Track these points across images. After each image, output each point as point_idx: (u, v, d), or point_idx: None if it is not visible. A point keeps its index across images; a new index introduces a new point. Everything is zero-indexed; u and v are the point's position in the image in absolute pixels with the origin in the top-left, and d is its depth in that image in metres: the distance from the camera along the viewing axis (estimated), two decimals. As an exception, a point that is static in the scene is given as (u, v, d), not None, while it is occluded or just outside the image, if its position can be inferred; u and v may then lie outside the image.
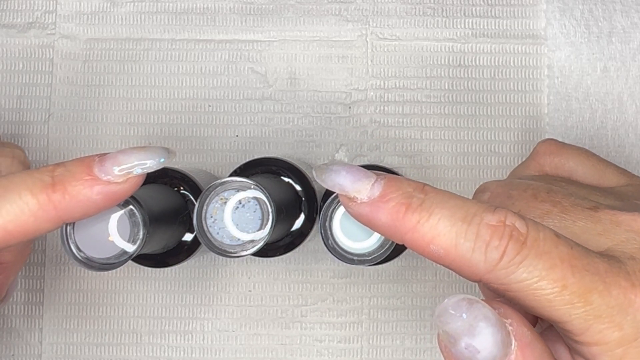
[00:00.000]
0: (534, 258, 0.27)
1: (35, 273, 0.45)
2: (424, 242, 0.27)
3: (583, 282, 0.27)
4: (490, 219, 0.27)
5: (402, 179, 0.28)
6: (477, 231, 0.27)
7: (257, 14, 0.46)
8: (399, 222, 0.27)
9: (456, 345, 0.26)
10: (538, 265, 0.27)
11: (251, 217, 0.34)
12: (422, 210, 0.27)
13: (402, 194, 0.28)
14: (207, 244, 0.34)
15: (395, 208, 0.27)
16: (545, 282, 0.27)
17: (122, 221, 0.33)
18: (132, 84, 0.46)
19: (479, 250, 0.27)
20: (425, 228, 0.27)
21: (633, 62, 0.45)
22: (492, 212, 0.27)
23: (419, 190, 0.28)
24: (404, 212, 0.27)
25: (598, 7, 0.45)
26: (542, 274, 0.27)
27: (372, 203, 0.28)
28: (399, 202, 0.27)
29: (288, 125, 0.45)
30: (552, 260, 0.27)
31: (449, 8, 0.46)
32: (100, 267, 0.33)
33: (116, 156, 0.30)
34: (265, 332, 0.45)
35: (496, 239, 0.27)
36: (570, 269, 0.27)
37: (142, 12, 0.46)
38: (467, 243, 0.27)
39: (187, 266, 0.45)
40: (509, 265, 0.27)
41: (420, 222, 0.27)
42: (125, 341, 0.45)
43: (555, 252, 0.27)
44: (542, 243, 0.27)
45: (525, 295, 0.27)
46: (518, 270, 0.27)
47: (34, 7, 0.46)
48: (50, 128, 0.46)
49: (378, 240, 0.34)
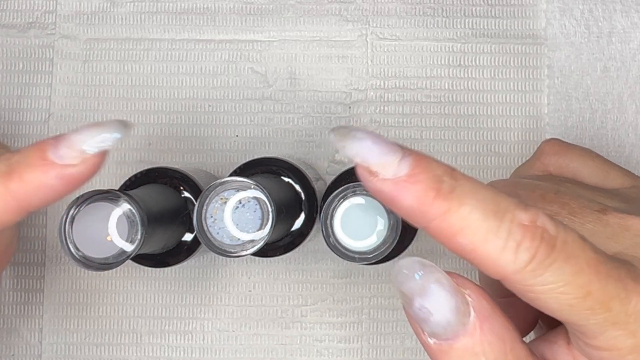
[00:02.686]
0: (563, 262, 0.26)
1: (35, 273, 0.45)
2: (450, 232, 0.26)
3: (607, 289, 0.26)
4: (523, 217, 0.26)
5: (430, 159, 0.26)
6: (509, 229, 0.26)
7: (257, 14, 0.46)
8: (427, 207, 0.25)
9: (411, 306, 0.26)
10: (566, 269, 0.26)
11: (251, 217, 0.34)
12: (452, 198, 0.25)
13: (432, 176, 0.26)
14: (207, 243, 0.34)
15: (424, 191, 0.25)
16: (570, 287, 0.26)
17: (120, 221, 0.33)
18: (132, 84, 0.46)
19: (510, 249, 0.25)
20: (454, 218, 0.25)
21: (633, 62, 0.45)
22: (525, 210, 0.26)
23: (449, 175, 0.26)
24: (433, 197, 0.25)
25: (598, 7, 0.45)
26: (568, 278, 0.26)
27: (397, 182, 0.25)
28: (428, 185, 0.25)
29: (288, 125, 0.45)
30: (579, 265, 0.26)
31: (449, 8, 0.46)
32: (98, 266, 0.33)
33: (69, 136, 0.28)
34: (265, 332, 0.45)
35: (528, 240, 0.26)
36: (596, 274, 0.26)
37: (142, 12, 0.46)
38: (498, 241, 0.25)
39: (187, 266, 0.45)
40: (537, 267, 0.26)
41: (451, 210, 0.25)
42: (125, 341, 0.45)
43: (582, 257, 0.26)
44: (570, 246, 0.26)
45: (548, 297, 0.26)
46: (546, 273, 0.26)
47: (34, 7, 0.46)
48: (50, 128, 0.46)
49: (379, 238, 0.34)
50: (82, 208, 0.33)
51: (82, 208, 0.33)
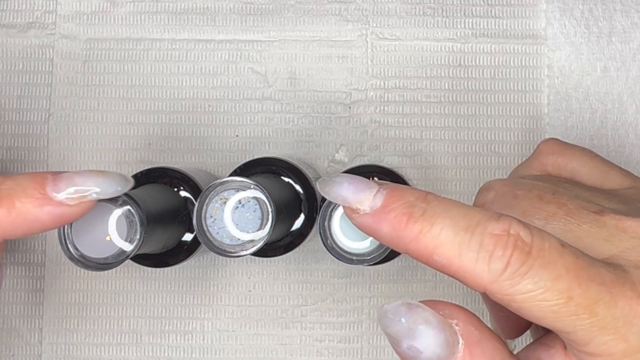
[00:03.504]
0: (539, 268, 0.26)
1: (35, 273, 0.45)
2: (426, 252, 0.27)
3: (589, 294, 0.27)
4: (494, 227, 0.26)
5: (404, 188, 0.28)
6: (480, 241, 0.26)
7: (257, 13, 0.46)
8: (401, 232, 0.27)
9: (399, 346, 0.26)
10: (543, 276, 0.26)
11: (251, 216, 0.34)
12: (424, 220, 0.27)
13: (404, 203, 0.27)
14: (206, 243, 0.34)
15: (397, 218, 0.27)
16: (550, 293, 0.26)
17: (120, 221, 0.33)
18: (132, 84, 0.46)
19: (483, 260, 0.26)
20: (427, 238, 0.27)
21: (633, 62, 0.45)
22: (497, 220, 0.27)
23: (422, 200, 0.27)
24: (406, 222, 0.27)
25: (598, 7, 0.45)
26: (547, 285, 0.26)
27: (374, 214, 0.27)
28: (400, 212, 0.27)
29: (288, 125, 0.45)
30: (558, 271, 0.26)
31: (449, 8, 0.46)
32: (97, 266, 0.33)
33: (72, 177, 0.29)
34: (265, 332, 0.45)
35: (500, 249, 0.26)
36: (577, 279, 0.26)
37: (142, 12, 0.46)
38: (471, 253, 0.26)
39: (187, 266, 0.45)
40: (513, 276, 0.26)
41: (422, 232, 0.27)
42: (125, 341, 0.45)
43: (560, 262, 0.26)
44: (547, 253, 0.26)
45: (529, 306, 0.26)
46: (523, 281, 0.26)
47: (34, 7, 0.46)
48: (50, 128, 0.46)
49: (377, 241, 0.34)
50: (81, 208, 0.33)
51: (82, 208, 0.33)
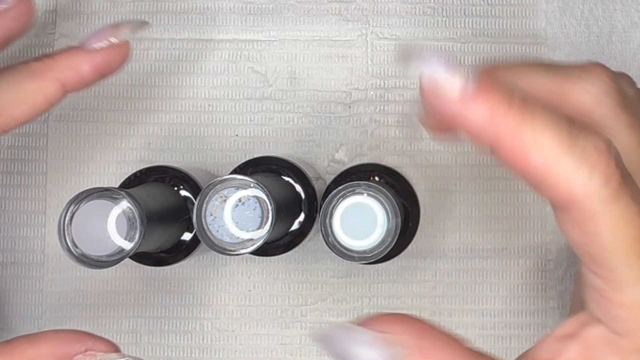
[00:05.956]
0: (630, 199, 0.24)
1: (34, 273, 0.45)
2: (522, 148, 0.24)
3: None
4: (597, 141, 0.24)
5: (493, 74, 0.25)
6: (583, 149, 0.24)
7: (257, 13, 0.46)
8: (498, 121, 0.24)
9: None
10: (633, 207, 0.24)
11: (251, 214, 0.34)
12: (524, 113, 0.24)
13: (502, 91, 0.24)
14: (206, 241, 0.34)
15: (495, 105, 0.24)
16: (631, 226, 0.24)
17: (119, 219, 0.33)
18: (132, 83, 0.46)
19: (586, 170, 0.24)
20: (527, 133, 0.24)
21: (633, 61, 0.45)
22: (596, 134, 0.24)
23: (519, 92, 0.24)
24: (505, 110, 0.24)
25: (598, 6, 0.45)
26: (634, 218, 0.24)
27: (467, 98, 0.24)
28: (499, 98, 0.24)
29: (288, 125, 0.45)
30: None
31: (449, 8, 0.46)
32: (96, 264, 0.33)
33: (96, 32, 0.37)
34: (265, 332, 0.45)
35: (604, 164, 0.24)
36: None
37: (142, 12, 0.46)
38: (574, 159, 0.24)
39: (186, 266, 0.45)
40: (609, 195, 0.24)
41: (523, 125, 0.24)
42: (125, 341, 0.45)
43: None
44: (636, 187, 0.25)
45: (608, 230, 0.24)
46: (615, 203, 0.24)
47: (34, 6, 0.46)
48: (50, 127, 0.46)
49: (379, 238, 0.34)
50: (81, 205, 0.33)
51: (82, 205, 0.33)
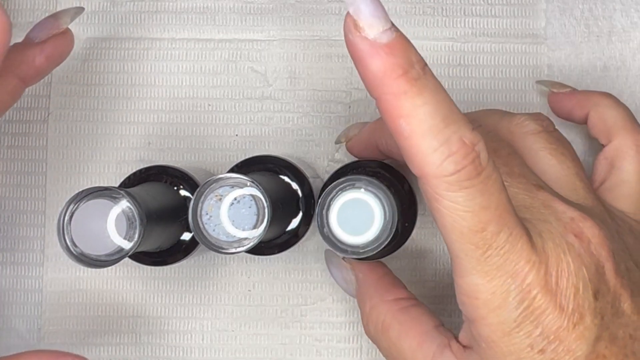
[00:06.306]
0: (477, 192, 0.27)
1: (34, 273, 0.45)
2: (397, 112, 0.27)
3: (498, 235, 0.28)
4: (467, 136, 0.27)
5: (411, 45, 0.27)
6: (449, 137, 0.27)
7: (257, 13, 0.46)
8: (388, 80, 0.26)
9: None
10: (476, 199, 0.27)
11: (247, 212, 0.34)
12: (414, 85, 0.27)
13: (406, 58, 0.27)
14: (202, 240, 0.34)
15: (392, 66, 0.26)
16: (472, 216, 0.28)
17: (119, 218, 0.33)
18: (131, 83, 0.46)
19: (441, 154, 0.27)
20: (407, 102, 0.27)
21: (633, 61, 0.45)
22: (471, 131, 0.27)
23: (421, 66, 0.27)
24: (399, 75, 0.26)
25: (598, 6, 0.45)
26: (474, 208, 0.27)
27: (375, 45, 0.26)
28: (399, 62, 0.26)
29: (288, 125, 0.45)
30: (490, 202, 0.28)
31: (449, 7, 0.46)
32: (95, 263, 0.33)
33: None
34: (265, 331, 0.45)
35: (460, 156, 0.27)
36: (499, 219, 0.28)
37: (142, 11, 0.46)
38: (435, 141, 0.27)
39: (186, 265, 0.45)
40: (455, 183, 0.27)
41: (407, 94, 0.27)
42: (125, 341, 0.45)
43: (496, 197, 0.28)
44: (491, 183, 0.28)
45: (447, 215, 0.28)
46: (459, 192, 0.27)
47: (34, 6, 0.46)
48: (50, 127, 0.46)
49: (373, 235, 0.34)
50: (81, 204, 0.33)
51: (81, 204, 0.33)
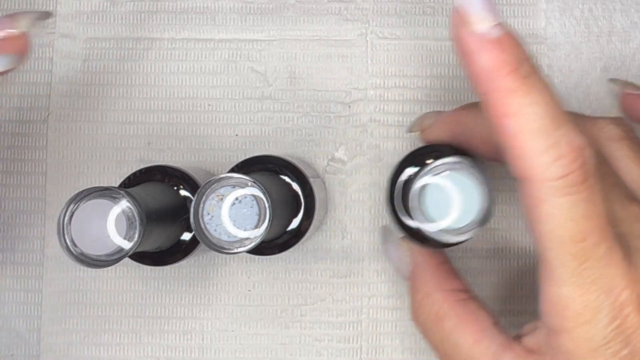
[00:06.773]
0: (582, 200, 0.26)
1: (33, 273, 0.45)
2: (504, 111, 0.26)
3: (598, 247, 0.26)
4: (576, 139, 0.26)
5: (520, 41, 0.26)
6: (557, 140, 0.25)
7: (257, 13, 0.46)
8: (497, 76, 0.26)
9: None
10: (580, 208, 0.26)
11: (248, 212, 0.34)
12: (524, 83, 0.25)
13: (516, 54, 0.26)
14: (204, 240, 0.34)
15: (502, 61, 0.25)
16: (575, 225, 0.26)
17: (119, 218, 0.33)
18: (131, 83, 0.46)
19: (549, 156, 0.25)
20: (515, 100, 0.25)
21: (633, 61, 0.45)
22: (579, 135, 0.26)
23: (530, 64, 0.26)
24: (508, 72, 0.26)
25: (598, 6, 0.45)
26: (578, 218, 0.26)
27: (484, 39, 0.26)
28: (509, 58, 0.26)
29: (288, 124, 0.45)
30: (592, 212, 0.26)
31: (449, 7, 0.46)
32: (94, 263, 0.33)
33: None
34: (265, 331, 0.45)
35: (569, 160, 0.25)
36: (599, 230, 0.26)
37: (142, 11, 0.46)
38: (543, 143, 0.25)
39: (186, 265, 0.45)
40: (561, 188, 0.26)
41: (516, 92, 0.25)
42: (125, 341, 0.45)
43: (598, 207, 0.26)
44: (595, 191, 0.26)
45: (550, 220, 0.26)
46: (564, 198, 0.26)
47: (34, 6, 0.46)
48: (50, 127, 0.46)
49: (473, 215, 0.32)
50: (81, 204, 0.33)
51: (81, 204, 0.33)
